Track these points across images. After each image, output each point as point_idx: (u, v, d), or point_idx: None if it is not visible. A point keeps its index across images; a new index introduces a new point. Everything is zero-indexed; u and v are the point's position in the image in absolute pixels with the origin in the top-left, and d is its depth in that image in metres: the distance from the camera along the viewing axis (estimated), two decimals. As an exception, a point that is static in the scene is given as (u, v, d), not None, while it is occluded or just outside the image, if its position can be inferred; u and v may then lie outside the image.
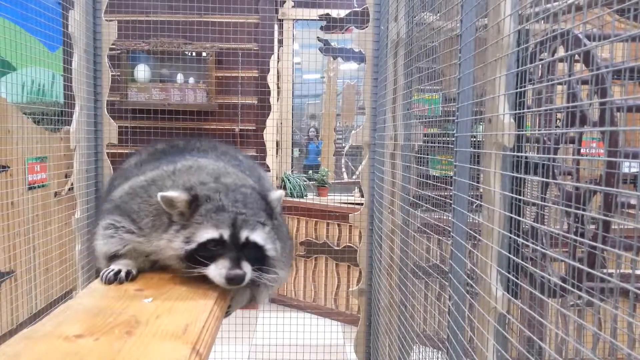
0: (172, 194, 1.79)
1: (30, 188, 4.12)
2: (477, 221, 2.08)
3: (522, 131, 1.93)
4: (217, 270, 1.73)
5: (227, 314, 1.91)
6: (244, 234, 1.77)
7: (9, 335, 2.84)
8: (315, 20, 7.23)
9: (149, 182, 1.96)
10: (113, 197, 2.01)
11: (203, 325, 1.49)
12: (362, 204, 4.37)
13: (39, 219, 4.09)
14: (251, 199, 1.86)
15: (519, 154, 1.88)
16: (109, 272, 1.81)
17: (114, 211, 1.93)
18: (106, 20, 3.88)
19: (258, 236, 1.80)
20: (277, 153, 7.32)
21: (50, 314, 1.55)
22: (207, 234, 1.75)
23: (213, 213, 1.78)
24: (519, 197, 1.89)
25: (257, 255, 1.81)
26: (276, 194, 1.97)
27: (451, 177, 2.29)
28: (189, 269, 1.76)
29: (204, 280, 1.77)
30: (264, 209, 1.89)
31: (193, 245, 1.75)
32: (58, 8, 3.74)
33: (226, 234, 1.75)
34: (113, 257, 1.89)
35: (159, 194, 1.79)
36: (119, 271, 1.81)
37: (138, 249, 1.87)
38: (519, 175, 1.88)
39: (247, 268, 1.74)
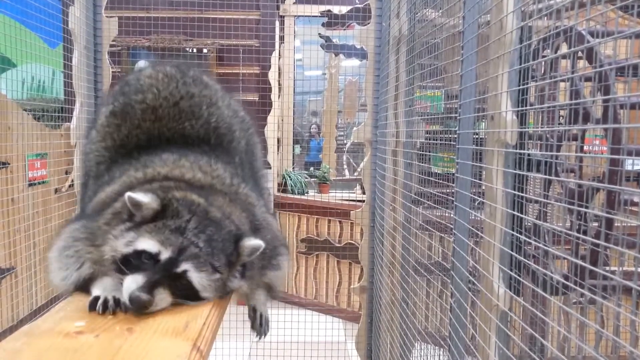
0: (142, 198, 1.59)
1: (30, 185, 4.11)
2: (479, 218, 2.07)
3: (525, 128, 1.92)
4: (128, 283, 1.50)
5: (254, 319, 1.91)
6: (183, 266, 1.53)
7: (10, 332, 2.83)
8: (316, 16, 7.21)
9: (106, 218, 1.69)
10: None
11: (204, 322, 1.48)
12: (363, 201, 4.37)
13: (40, 216, 4.09)
14: (218, 238, 1.62)
15: (522, 151, 1.88)
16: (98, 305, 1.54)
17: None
18: (106, 16, 3.87)
19: (199, 278, 1.55)
20: (278, 150, 7.32)
21: (51, 311, 1.55)
22: (146, 244, 1.54)
23: (168, 231, 1.57)
24: (522, 194, 1.88)
25: (188, 295, 1.57)
26: (251, 243, 1.66)
27: (453, 174, 2.28)
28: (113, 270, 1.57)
29: None
30: (227, 253, 1.63)
31: (129, 250, 1.55)
32: (58, 4, 3.73)
33: (165, 254, 1.52)
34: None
35: (126, 195, 1.58)
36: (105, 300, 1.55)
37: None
38: (521, 173, 1.87)
39: (160, 296, 1.50)
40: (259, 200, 2.01)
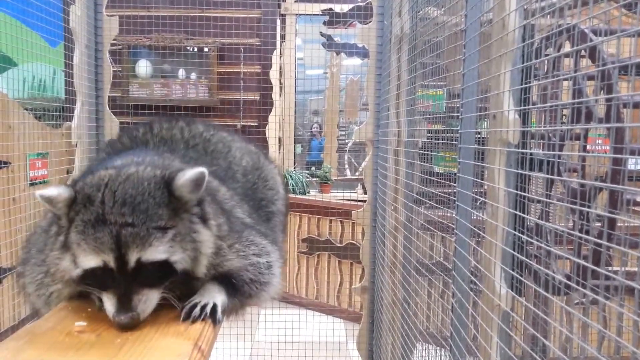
0: (51, 191, 1.44)
1: (31, 184, 4.11)
2: (481, 218, 2.06)
3: (527, 127, 1.92)
4: (107, 307, 1.41)
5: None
6: (133, 256, 1.38)
7: (11, 332, 2.83)
8: (318, 15, 7.21)
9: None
10: None
11: (205, 322, 1.48)
12: (365, 201, 4.36)
13: (40, 215, 4.08)
14: (143, 193, 1.43)
15: (524, 150, 1.87)
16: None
17: None
18: (107, 15, 3.87)
19: (154, 251, 1.40)
20: (279, 149, 7.31)
21: (53, 310, 1.55)
22: (88, 260, 1.40)
23: (91, 228, 1.39)
24: (524, 194, 1.87)
25: (164, 274, 1.44)
26: (185, 176, 1.46)
27: (455, 173, 2.27)
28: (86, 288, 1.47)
29: None
30: (166, 203, 1.45)
31: (79, 271, 1.42)
32: (59, 3, 3.73)
33: (110, 259, 1.38)
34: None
35: (37, 192, 1.44)
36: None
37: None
38: (523, 172, 1.86)
39: (142, 302, 1.40)
40: (232, 197, 1.87)
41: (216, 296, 1.55)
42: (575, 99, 2.04)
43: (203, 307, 1.49)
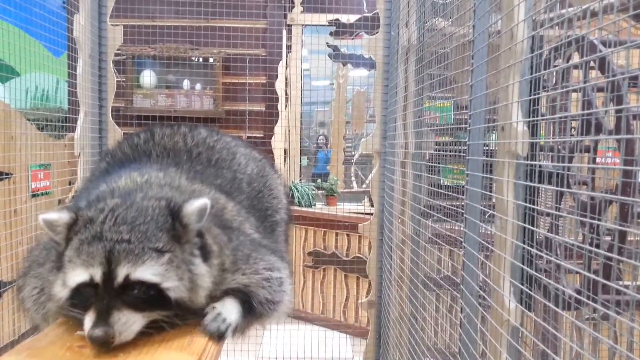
0: (52, 215, 1.42)
1: (33, 196, 4.09)
2: (489, 231, 2.05)
3: (536, 139, 1.90)
4: (85, 324, 1.33)
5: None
6: (121, 272, 1.33)
7: (11, 346, 2.81)
8: (324, 25, 7.21)
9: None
10: None
11: (208, 337, 1.46)
12: (372, 214, 4.35)
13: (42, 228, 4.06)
14: (146, 216, 1.42)
15: (533, 162, 1.85)
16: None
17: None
18: (111, 24, 3.87)
19: (147, 271, 1.34)
20: (285, 161, 7.29)
21: (53, 325, 1.54)
22: (75, 276, 1.36)
23: (86, 245, 1.36)
24: (533, 207, 1.86)
25: (152, 298, 1.37)
26: (194, 205, 1.44)
27: (463, 186, 2.27)
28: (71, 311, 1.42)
29: None
30: (167, 229, 1.42)
31: (66, 292, 1.38)
32: (63, 12, 3.74)
33: (97, 274, 1.33)
34: None
35: (40, 216, 1.43)
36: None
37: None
38: (532, 185, 1.85)
39: (121, 321, 1.32)
40: (239, 213, 1.83)
41: (233, 316, 1.51)
42: (585, 110, 2.02)
43: (224, 320, 1.47)
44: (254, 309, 1.59)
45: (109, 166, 1.96)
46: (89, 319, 1.32)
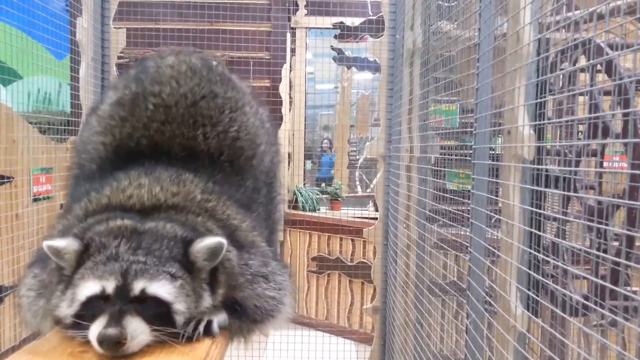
0: (59, 243, 1.44)
1: (35, 200, 4.08)
2: (496, 236, 2.04)
3: (543, 143, 1.89)
4: (92, 331, 1.33)
5: None
6: (138, 285, 1.36)
7: (12, 352, 2.80)
8: (329, 28, 7.22)
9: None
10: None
11: (211, 342, 1.47)
12: (376, 219, 4.34)
13: (44, 232, 4.06)
14: (161, 245, 1.45)
15: (539, 166, 1.85)
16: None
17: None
18: (115, 27, 3.87)
19: (161, 288, 1.38)
20: (289, 165, 7.29)
21: (55, 330, 1.53)
22: (86, 289, 1.38)
23: (101, 264, 1.40)
24: (540, 211, 1.85)
25: (160, 314, 1.39)
26: (204, 243, 1.47)
27: (469, 190, 2.26)
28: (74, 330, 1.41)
29: None
30: (179, 259, 1.46)
31: (75, 308, 1.39)
32: (66, 15, 3.73)
33: (110, 286, 1.36)
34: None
35: (45, 243, 1.44)
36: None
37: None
38: (539, 189, 1.84)
39: (132, 326, 1.33)
40: (254, 228, 1.76)
41: (212, 315, 1.52)
42: (592, 114, 2.01)
43: (197, 325, 1.47)
44: (247, 313, 1.59)
45: (110, 153, 1.81)
46: (99, 323, 1.33)
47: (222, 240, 1.48)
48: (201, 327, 1.46)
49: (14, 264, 3.66)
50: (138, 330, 1.34)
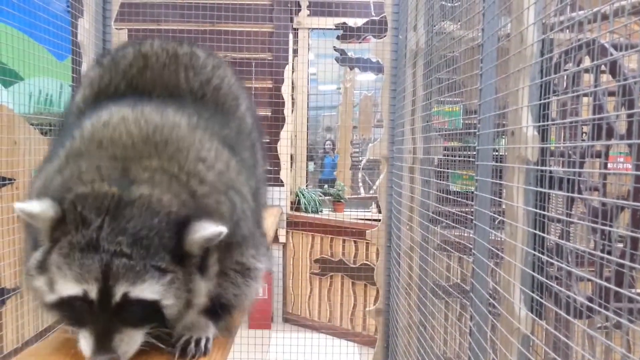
0: (32, 207, 1.28)
1: (36, 202, 4.09)
2: (499, 238, 2.04)
3: (547, 144, 1.89)
4: (82, 346, 1.27)
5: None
6: (119, 290, 1.23)
7: (14, 354, 2.80)
8: (331, 29, 7.20)
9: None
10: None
11: (212, 340, 1.47)
12: (379, 220, 4.33)
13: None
14: (150, 229, 1.27)
15: (543, 168, 1.85)
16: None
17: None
18: (116, 28, 3.86)
19: (147, 290, 1.25)
20: (291, 167, 7.28)
21: (58, 331, 1.53)
22: (66, 288, 1.26)
23: (78, 252, 1.24)
24: (543, 213, 1.85)
25: (149, 314, 1.30)
26: (202, 234, 1.31)
27: (472, 192, 2.26)
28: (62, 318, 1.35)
29: None
30: (170, 248, 1.29)
31: (54, 298, 1.29)
32: (67, 16, 3.72)
33: (93, 290, 1.23)
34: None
35: (16, 206, 1.29)
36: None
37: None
38: (543, 191, 1.84)
39: (123, 345, 1.27)
40: (240, 172, 1.58)
41: (207, 330, 1.46)
42: (596, 115, 2.00)
43: (197, 343, 1.40)
44: (227, 311, 1.53)
45: (90, 104, 1.68)
46: (86, 343, 1.26)
47: (223, 228, 1.30)
48: (202, 344, 1.41)
49: (15, 266, 3.66)
50: (130, 343, 1.27)
